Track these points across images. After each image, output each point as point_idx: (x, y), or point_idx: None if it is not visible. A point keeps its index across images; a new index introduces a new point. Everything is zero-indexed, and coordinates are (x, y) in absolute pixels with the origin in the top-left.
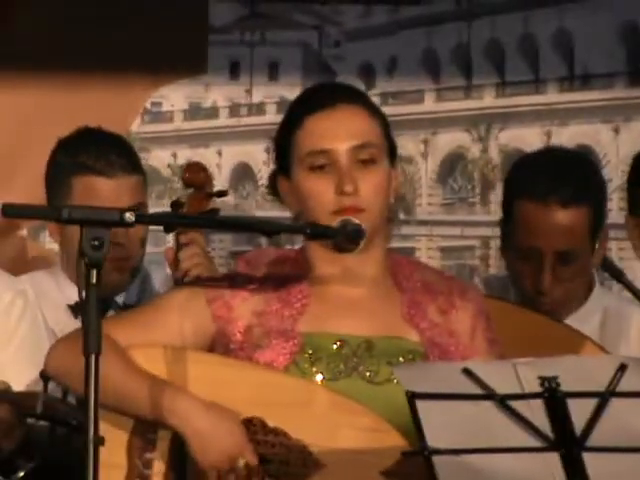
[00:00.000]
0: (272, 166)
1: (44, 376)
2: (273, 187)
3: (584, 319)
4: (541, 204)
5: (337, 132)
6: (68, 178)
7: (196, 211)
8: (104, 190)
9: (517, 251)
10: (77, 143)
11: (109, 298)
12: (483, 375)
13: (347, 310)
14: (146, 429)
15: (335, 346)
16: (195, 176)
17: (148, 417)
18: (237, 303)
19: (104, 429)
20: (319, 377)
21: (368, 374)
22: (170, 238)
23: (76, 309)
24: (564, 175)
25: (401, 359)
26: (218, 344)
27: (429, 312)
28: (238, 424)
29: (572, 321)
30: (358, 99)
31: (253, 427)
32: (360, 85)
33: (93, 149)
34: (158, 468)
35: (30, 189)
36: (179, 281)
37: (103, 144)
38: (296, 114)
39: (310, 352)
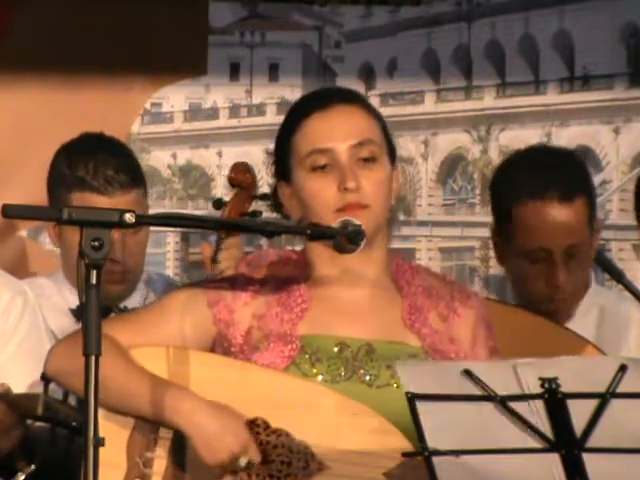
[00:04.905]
0: (271, 180)
1: (45, 377)
2: (275, 200)
3: (580, 318)
4: (541, 203)
5: (335, 131)
6: (69, 192)
7: (238, 212)
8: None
9: (523, 254)
10: (78, 155)
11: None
12: (483, 376)
13: (348, 313)
14: (147, 428)
15: (336, 349)
16: (241, 176)
17: (150, 416)
18: (238, 306)
19: (105, 428)
20: (320, 378)
21: (368, 378)
22: (170, 239)
23: (78, 313)
24: (557, 171)
25: None
26: (218, 346)
27: (430, 318)
28: (241, 423)
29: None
30: (354, 100)
31: (256, 427)
32: (360, 86)
33: (92, 164)
34: (158, 467)
35: (30, 190)
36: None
37: (103, 158)
38: (292, 120)
39: (310, 353)
